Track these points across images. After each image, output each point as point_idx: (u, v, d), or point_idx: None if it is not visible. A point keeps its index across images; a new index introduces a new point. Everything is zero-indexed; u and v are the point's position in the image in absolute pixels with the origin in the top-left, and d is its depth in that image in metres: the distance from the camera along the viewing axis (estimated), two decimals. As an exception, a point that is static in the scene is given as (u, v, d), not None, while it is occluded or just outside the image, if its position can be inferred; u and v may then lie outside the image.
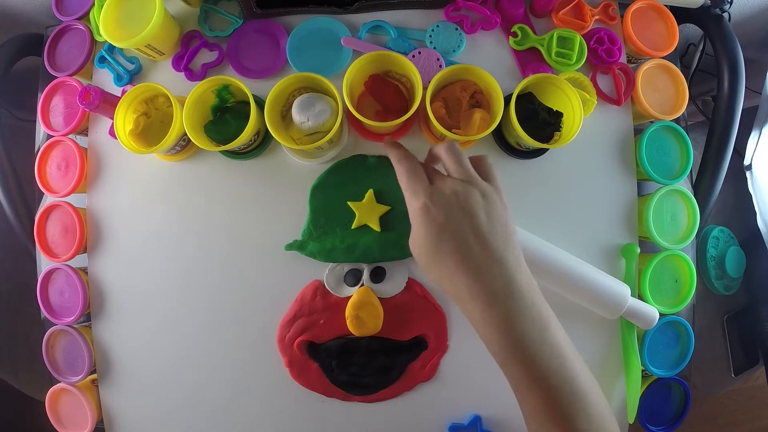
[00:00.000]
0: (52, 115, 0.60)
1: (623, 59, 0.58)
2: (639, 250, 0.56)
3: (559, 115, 0.53)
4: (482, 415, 0.56)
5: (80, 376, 0.58)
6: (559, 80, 0.52)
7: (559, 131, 0.53)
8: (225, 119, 0.54)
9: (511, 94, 0.51)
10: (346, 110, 0.52)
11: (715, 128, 0.61)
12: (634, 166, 0.58)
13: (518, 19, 0.58)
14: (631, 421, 0.56)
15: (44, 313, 0.59)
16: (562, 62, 0.56)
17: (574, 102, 0.51)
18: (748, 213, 0.68)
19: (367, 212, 0.55)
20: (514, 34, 0.57)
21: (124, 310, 0.58)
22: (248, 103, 0.50)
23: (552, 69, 0.56)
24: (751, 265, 0.69)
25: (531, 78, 0.51)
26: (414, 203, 0.43)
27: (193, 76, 0.57)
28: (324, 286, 0.55)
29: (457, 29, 0.57)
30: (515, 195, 0.56)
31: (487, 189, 0.44)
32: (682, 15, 0.60)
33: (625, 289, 0.53)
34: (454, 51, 0.57)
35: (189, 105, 0.51)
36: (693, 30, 0.68)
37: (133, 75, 0.59)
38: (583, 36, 0.57)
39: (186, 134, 0.51)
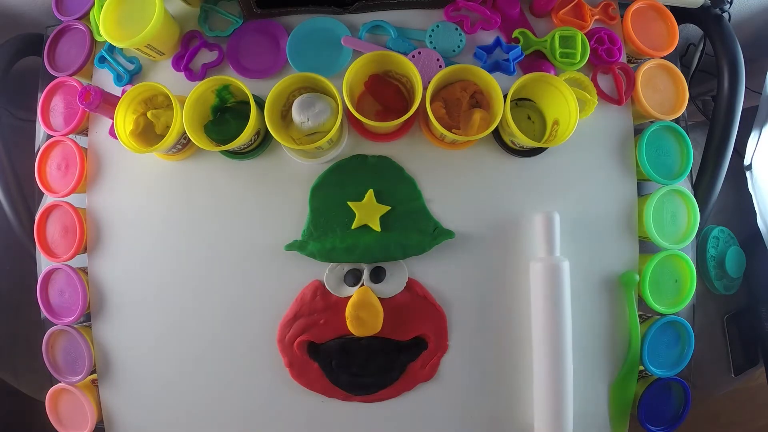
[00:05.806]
0: (52, 115, 0.60)
1: (623, 59, 0.58)
2: (638, 278, 0.55)
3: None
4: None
5: (80, 376, 0.58)
6: (554, 78, 0.51)
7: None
8: (225, 119, 0.54)
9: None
10: (346, 110, 0.52)
11: (715, 128, 0.61)
12: (634, 166, 0.58)
13: (514, 18, 0.57)
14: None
15: (44, 313, 0.59)
16: (567, 62, 0.56)
17: (569, 100, 0.51)
18: (748, 213, 0.68)
19: (367, 212, 0.55)
20: (516, 40, 0.56)
21: (124, 310, 0.58)
22: (248, 103, 0.50)
23: (557, 70, 0.56)
24: (751, 265, 0.69)
25: (526, 77, 0.51)
26: None
27: (193, 76, 0.57)
28: (324, 286, 0.55)
29: (457, 29, 0.57)
30: (515, 194, 0.56)
31: None
32: (682, 15, 0.60)
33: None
34: (454, 51, 0.57)
35: (189, 105, 0.51)
36: (693, 30, 0.68)
37: (133, 75, 0.59)
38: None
39: (186, 134, 0.51)
